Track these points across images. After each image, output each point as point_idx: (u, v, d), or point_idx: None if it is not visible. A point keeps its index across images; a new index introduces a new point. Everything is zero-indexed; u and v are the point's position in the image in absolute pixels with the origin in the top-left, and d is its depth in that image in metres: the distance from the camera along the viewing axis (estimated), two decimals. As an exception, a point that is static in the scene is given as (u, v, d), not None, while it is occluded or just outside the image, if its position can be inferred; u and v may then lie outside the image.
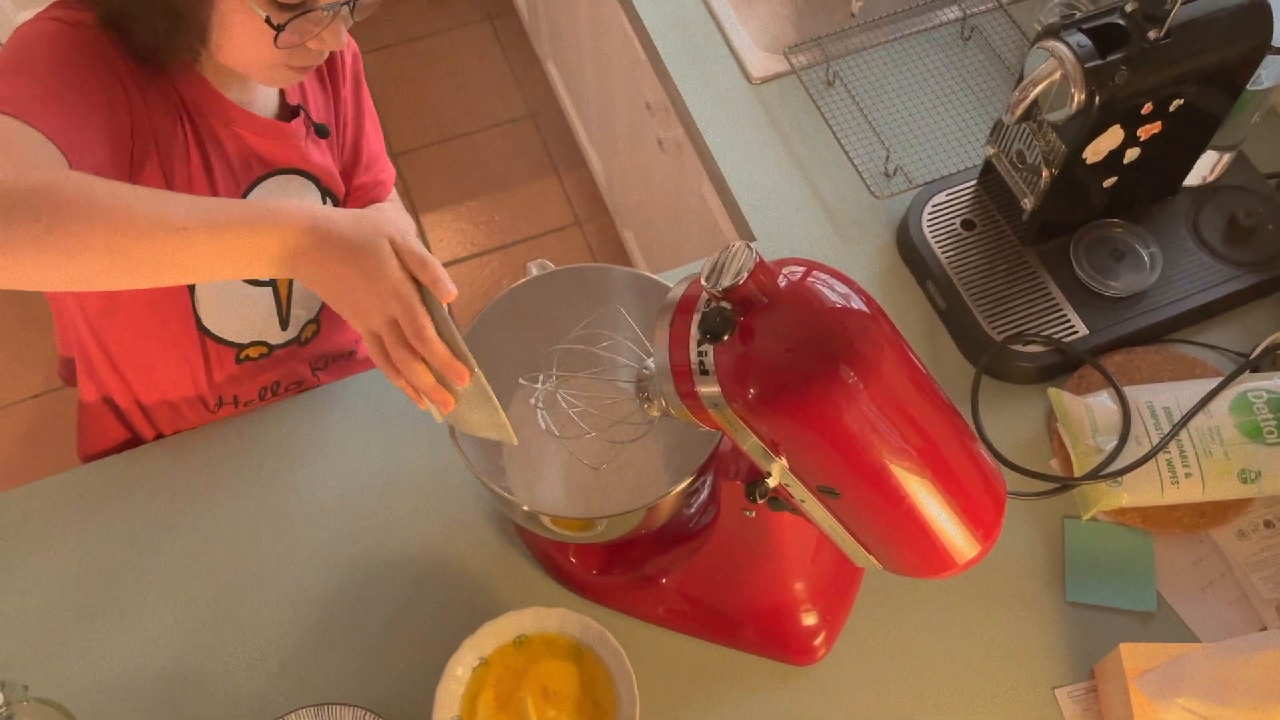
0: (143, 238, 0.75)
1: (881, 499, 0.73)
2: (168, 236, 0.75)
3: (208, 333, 1.15)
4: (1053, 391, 1.12)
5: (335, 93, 1.18)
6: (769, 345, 0.71)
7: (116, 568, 1.08)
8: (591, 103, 2.22)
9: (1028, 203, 1.16)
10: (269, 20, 0.89)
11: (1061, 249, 1.20)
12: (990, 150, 1.20)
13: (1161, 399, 1.08)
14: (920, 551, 0.77)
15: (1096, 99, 1.02)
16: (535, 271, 1.02)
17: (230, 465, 1.14)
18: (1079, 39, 1.02)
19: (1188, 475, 1.04)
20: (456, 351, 0.81)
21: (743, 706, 1.01)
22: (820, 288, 0.72)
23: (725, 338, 0.72)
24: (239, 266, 0.78)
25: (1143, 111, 1.07)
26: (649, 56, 1.52)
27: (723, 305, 0.72)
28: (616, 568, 1.04)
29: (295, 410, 1.18)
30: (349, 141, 1.23)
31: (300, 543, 1.09)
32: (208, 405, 1.22)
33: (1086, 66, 1.01)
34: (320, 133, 1.14)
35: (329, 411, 1.18)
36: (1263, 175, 1.26)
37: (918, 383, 0.73)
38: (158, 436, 1.24)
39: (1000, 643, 1.03)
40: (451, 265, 2.44)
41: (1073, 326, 1.16)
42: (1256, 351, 1.14)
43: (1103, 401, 1.10)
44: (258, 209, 0.79)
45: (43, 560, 1.08)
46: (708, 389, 0.73)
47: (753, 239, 1.30)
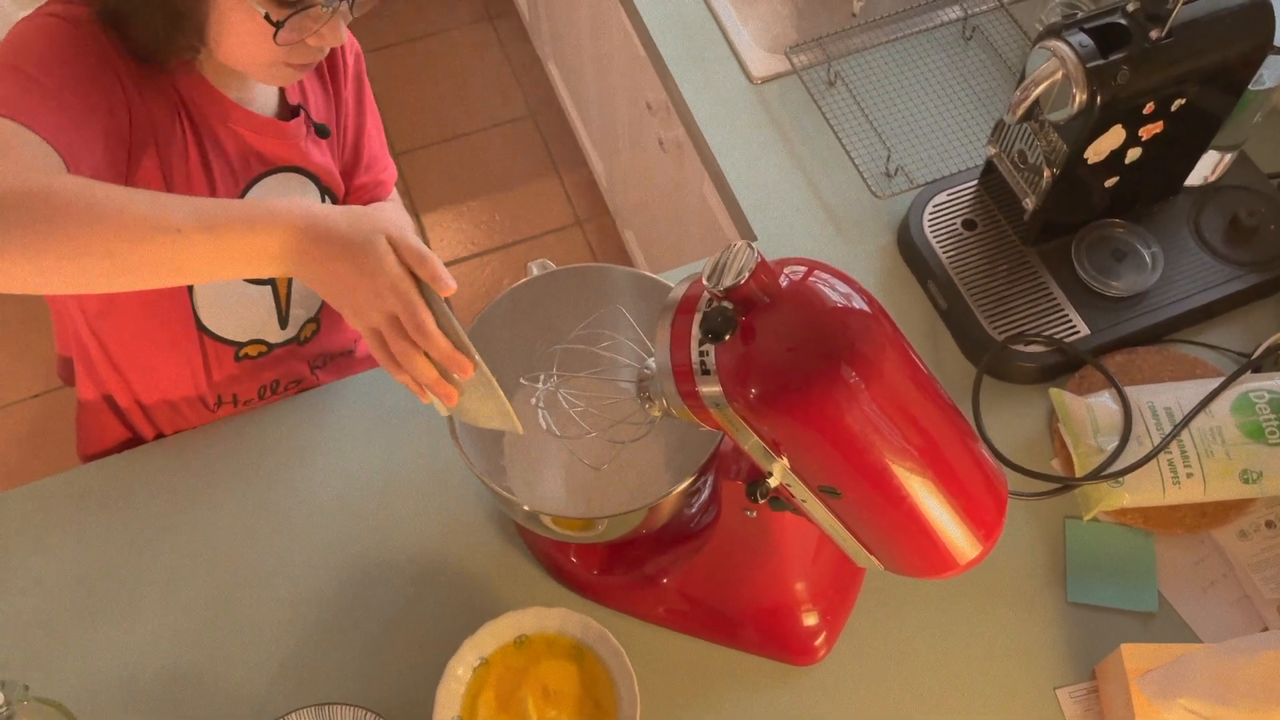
0: (140, 240, 0.75)
1: (883, 499, 0.73)
2: (165, 238, 0.75)
3: (207, 331, 1.15)
4: (1054, 391, 1.12)
5: (336, 93, 1.18)
6: (770, 345, 0.71)
7: (117, 567, 1.08)
8: (592, 102, 2.22)
9: (1029, 202, 1.16)
10: (268, 17, 0.89)
11: (1063, 249, 1.20)
12: (992, 150, 1.20)
13: (1163, 399, 1.08)
14: (921, 552, 0.77)
15: (1098, 99, 1.02)
16: (536, 271, 1.02)
17: (230, 465, 1.14)
18: (1081, 39, 1.02)
19: (1189, 475, 1.04)
20: (458, 344, 0.80)
21: (743, 707, 1.01)
22: (822, 287, 0.72)
23: (726, 337, 0.72)
24: (237, 267, 0.78)
25: (1144, 111, 1.07)
26: (650, 56, 1.52)
27: (724, 305, 0.72)
28: (617, 568, 1.04)
29: (295, 410, 1.18)
30: (349, 141, 1.23)
31: (300, 542, 1.09)
32: (207, 404, 1.23)
33: (1088, 66, 1.01)
34: (320, 132, 1.14)
35: (329, 411, 1.18)
36: (1265, 175, 1.26)
37: (919, 383, 0.73)
38: (158, 436, 1.24)
39: (1001, 643, 1.03)
40: (452, 265, 2.44)
41: (1074, 326, 1.16)
42: (1258, 352, 1.14)
43: (1104, 401, 1.10)
44: (254, 209, 0.79)
45: (43, 560, 1.08)
46: (709, 389, 0.73)
47: (754, 239, 1.30)
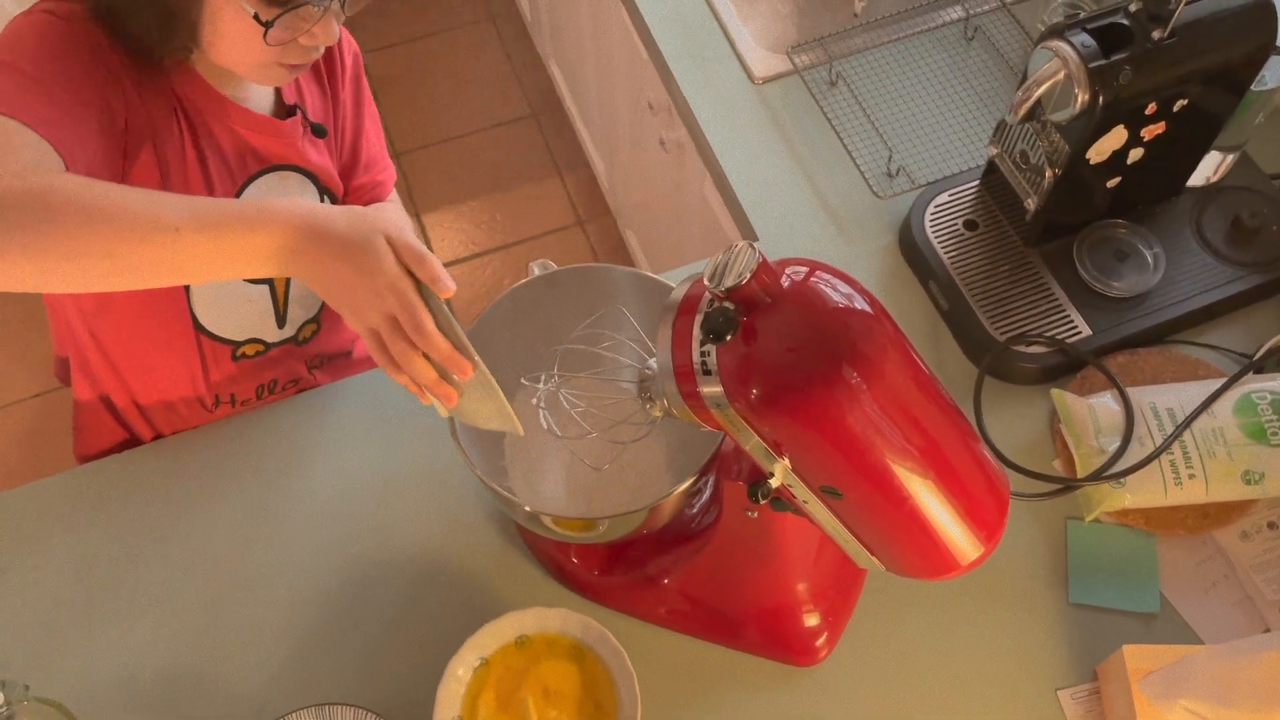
0: (138, 240, 0.74)
1: (884, 500, 0.73)
2: (163, 238, 0.75)
3: (204, 331, 1.14)
4: (1055, 392, 1.12)
5: (334, 93, 1.17)
6: (772, 345, 0.71)
7: (117, 568, 1.08)
8: (593, 102, 2.22)
9: (1031, 203, 1.16)
10: (257, 17, 0.89)
11: (1065, 249, 1.20)
12: (993, 150, 1.20)
13: (1165, 400, 1.08)
14: (923, 552, 0.76)
15: (1100, 99, 1.01)
16: (537, 271, 1.01)
17: (229, 465, 1.14)
18: (1083, 39, 1.02)
19: (1191, 476, 1.04)
20: (458, 345, 0.80)
21: (744, 707, 1.00)
22: (823, 288, 0.72)
23: (728, 338, 0.72)
24: (235, 266, 0.78)
25: (1146, 112, 1.06)
26: (651, 56, 1.52)
27: (725, 305, 0.72)
28: (618, 568, 1.04)
29: (294, 410, 1.18)
30: (347, 142, 1.22)
31: (301, 542, 1.09)
32: (205, 405, 1.22)
33: (1090, 66, 1.01)
34: (317, 132, 1.13)
35: (329, 411, 1.17)
36: (1267, 176, 1.26)
37: (921, 383, 0.73)
38: (155, 437, 1.24)
39: (1003, 644, 1.03)
40: (453, 265, 2.44)
41: (1076, 327, 1.16)
42: (1260, 352, 1.13)
43: (1106, 402, 1.10)
44: (252, 208, 0.78)
45: (42, 561, 1.08)
46: (710, 389, 0.73)
47: (755, 239, 1.29)
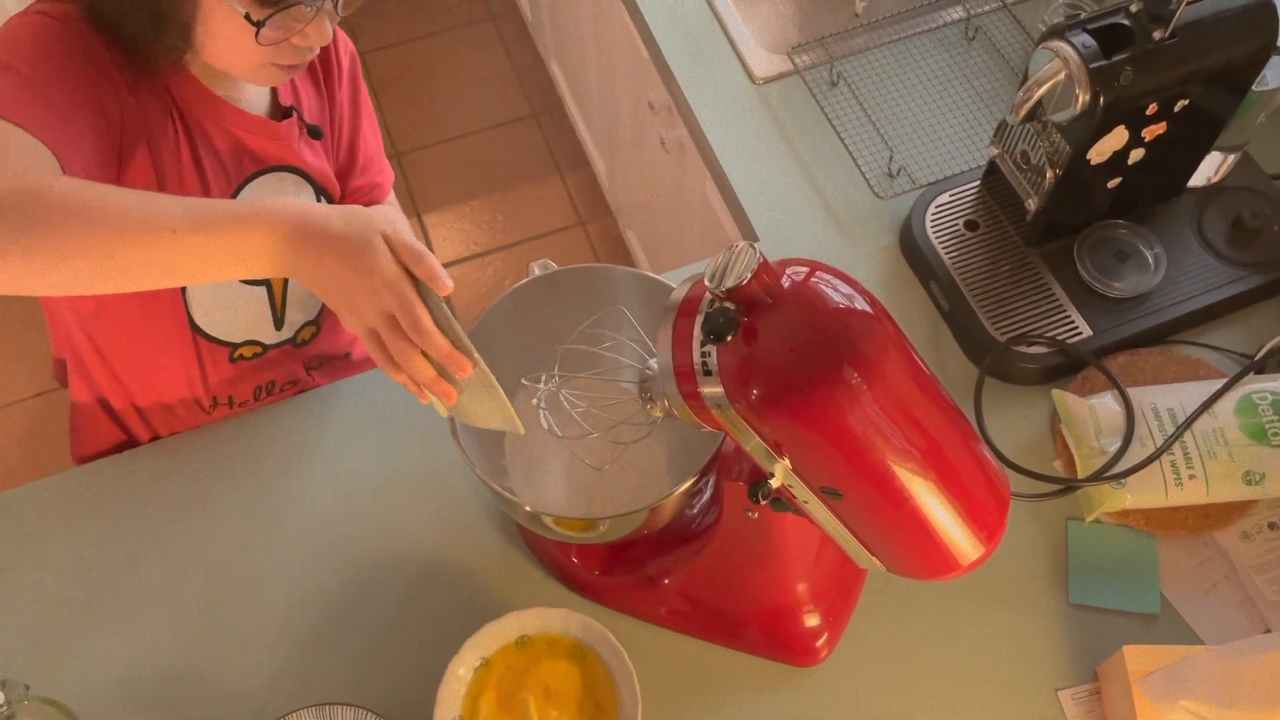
0: (135, 242, 0.74)
1: (885, 500, 0.73)
2: (158, 239, 0.75)
3: (201, 332, 1.14)
4: (1056, 393, 1.12)
5: (330, 94, 1.17)
6: (772, 346, 0.71)
7: (117, 568, 1.08)
8: (594, 102, 2.22)
9: (1032, 203, 1.16)
10: (248, 17, 0.88)
11: (1065, 250, 1.20)
12: (994, 151, 1.20)
13: (1165, 400, 1.08)
14: (923, 553, 0.76)
15: (1101, 99, 1.01)
16: (538, 272, 1.01)
17: (228, 466, 1.14)
18: (1084, 39, 1.02)
19: (1192, 477, 1.04)
20: (457, 343, 0.79)
21: (745, 708, 1.00)
22: (824, 288, 0.72)
23: (728, 338, 0.72)
24: (231, 266, 0.77)
25: (1147, 112, 1.06)
26: (652, 56, 1.52)
27: (726, 306, 0.72)
28: (619, 568, 1.04)
29: (294, 411, 1.18)
30: (344, 143, 1.22)
31: (301, 543, 1.09)
32: (203, 406, 1.22)
33: (1091, 67, 1.01)
34: (313, 134, 1.13)
35: (329, 412, 1.17)
36: (1268, 176, 1.26)
37: (921, 384, 0.73)
38: (153, 438, 1.24)
39: (1003, 644, 1.03)
40: (453, 265, 2.44)
41: (1076, 328, 1.16)
42: (1261, 353, 1.13)
43: (1106, 403, 1.10)
44: (248, 208, 0.78)
45: (43, 561, 1.08)
46: (711, 390, 0.73)
47: (756, 239, 1.29)
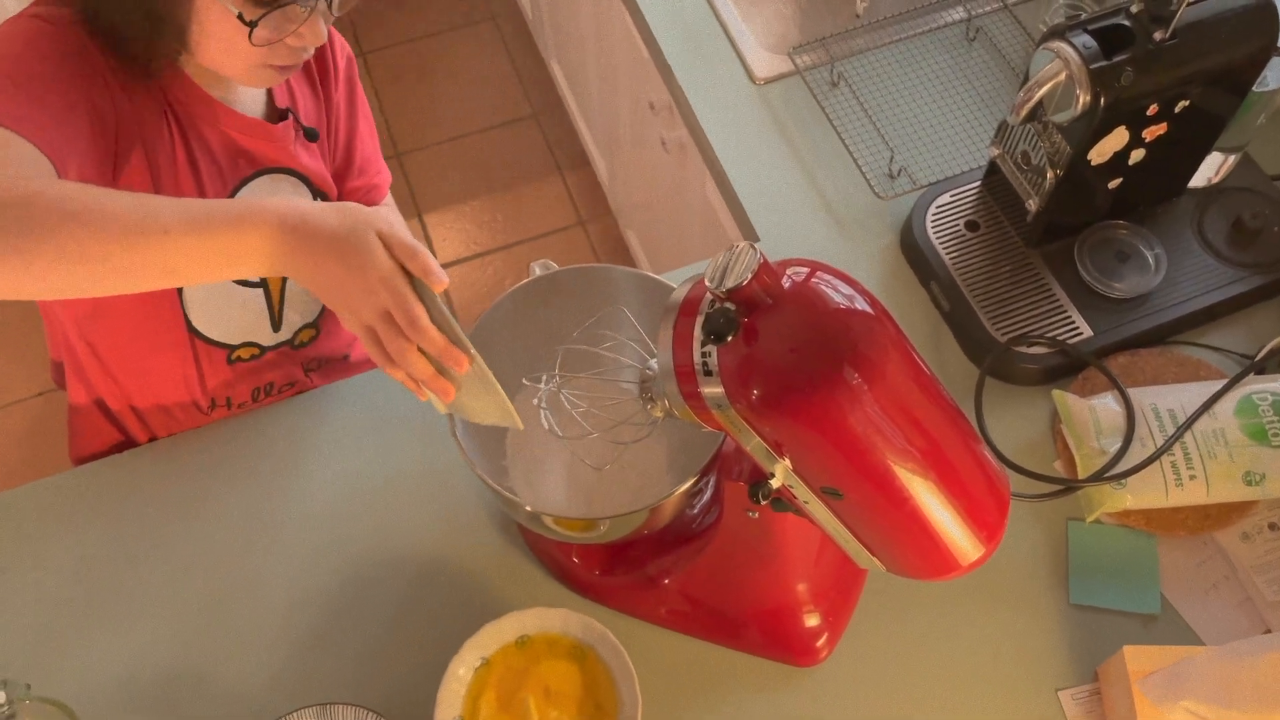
0: (130, 243, 0.74)
1: (885, 500, 0.73)
2: (152, 240, 0.75)
3: (198, 334, 1.14)
4: (1057, 393, 1.12)
5: (327, 96, 1.16)
6: (773, 346, 0.71)
7: (117, 568, 1.08)
8: (595, 102, 2.22)
9: (1032, 204, 1.16)
10: (241, 17, 0.88)
11: (1066, 250, 1.20)
12: (995, 151, 1.20)
13: (1166, 401, 1.08)
14: (923, 553, 0.76)
15: (1102, 100, 1.01)
16: (538, 272, 1.01)
17: (227, 467, 1.14)
18: (1084, 40, 1.02)
19: (1192, 478, 1.04)
20: (453, 338, 0.79)
21: (745, 708, 1.00)
22: (825, 289, 0.72)
23: (729, 339, 0.72)
24: (226, 267, 0.77)
25: (1148, 113, 1.06)
26: (653, 56, 1.52)
27: (726, 306, 0.72)
28: (619, 568, 1.04)
29: (293, 411, 1.18)
30: (341, 145, 1.22)
31: (301, 543, 1.09)
32: (201, 408, 1.22)
33: (1092, 68, 1.01)
34: (309, 136, 1.13)
35: (328, 412, 1.17)
36: (1268, 177, 1.26)
37: (922, 384, 0.73)
38: (151, 439, 1.23)
39: (1003, 645, 1.03)
40: (454, 265, 2.44)
41: (1077, 328, 1.16)
42: (1262, 354, 1.13)
43: (1107, 403, 1.10)
44: (242, 207, 0.78)
45: (44, 561, 1.08)
46: (711, 390, 0.73)
47: (756, 239, 1.29)
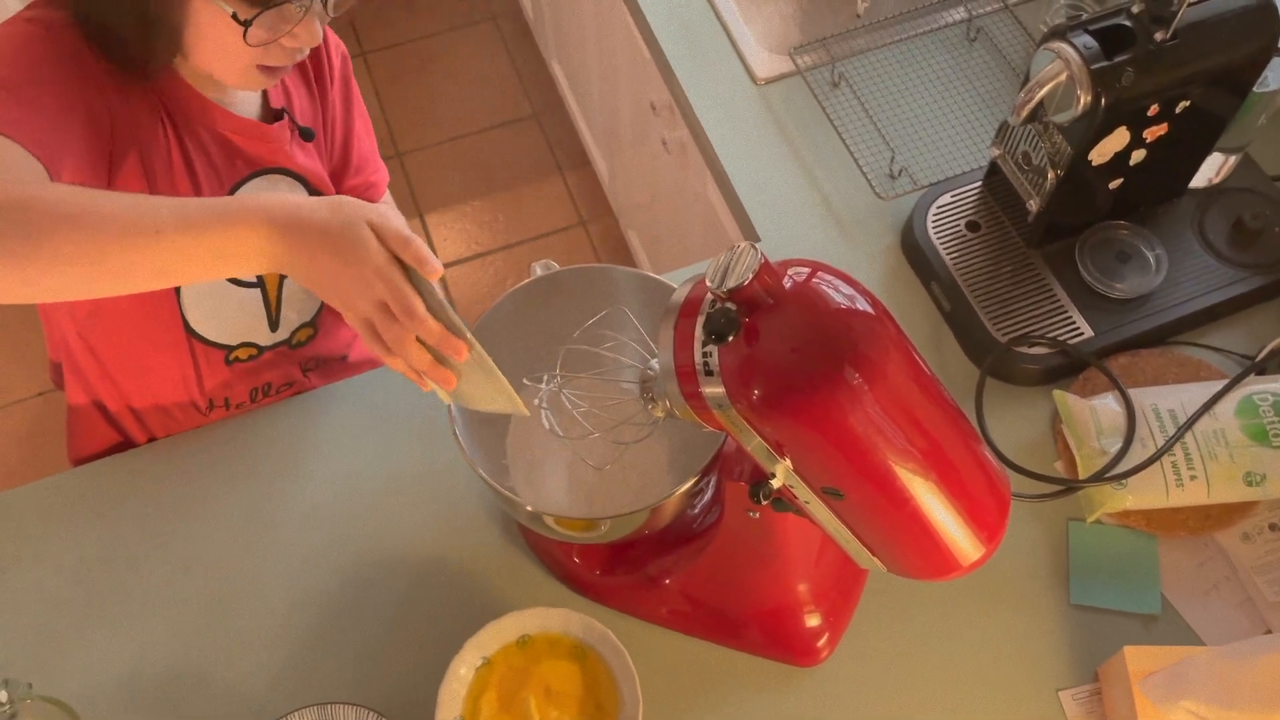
0: (125, 246, 0.74)
1: (886, 501, 0.73)
2: (146, 241, 0.74)
3: (195, 335, 1.14)
4: (1057, 394, 1.12)
5: (322, 95, 1.16)
6: (774, 346, 0.71)
7: (118, 568, 1.08)
8: (596, 103, 2.22)
9: (1033, 204, 1.16)
10: (235, 16, 0.88)
11: (1067, 251, 1.20)
12: (996, 152, 1.20)
13: (1166, 401, 1.08)
14: (924, 553, 0.76)
15: (1102, 101, 1.01)
16: (539, 272, 1.02)
17: (227, 468, 1.14)
18: (1085, 40, 1.02)
19: (1193, 478, 1.04)
20: (451, 327, 0.79)
21: (745, 708, 1.00)
22: (825, 289, 0.72)
23: (730, 339, 0.72)
24: (220, 266, 0.77)
25: (1149, 113, 1.06)
26: (654, 57, 1.52)
27: (727, 306, 0.72)
28: (620, 568, 1.04)
29: (291, 412, 1.18)
30: (338, 144, 1.21)
31: (302, 543, 1.09)
32: (199, 408, 1.22)
33: (1092, 68, 1.01)
34: (305, 136, 1.12)
35: (326, 413, 1.17)
36: (1269, 178, 1.26)
37: (922, 385, 0.73)
38: (149, 440, 1.23)
39: (1004, 645, 1.03)
40: (455, 265, 2.44)
41: (1078, 328, 1.16)
42: (1262, 354, 1.13)
43: (1108, 404, 1.10)
44: (231, 205, 0.78)
45: (44, 561, 1.08)
46: (712, 390, 0.73)
47: (757, 240, 1.30)
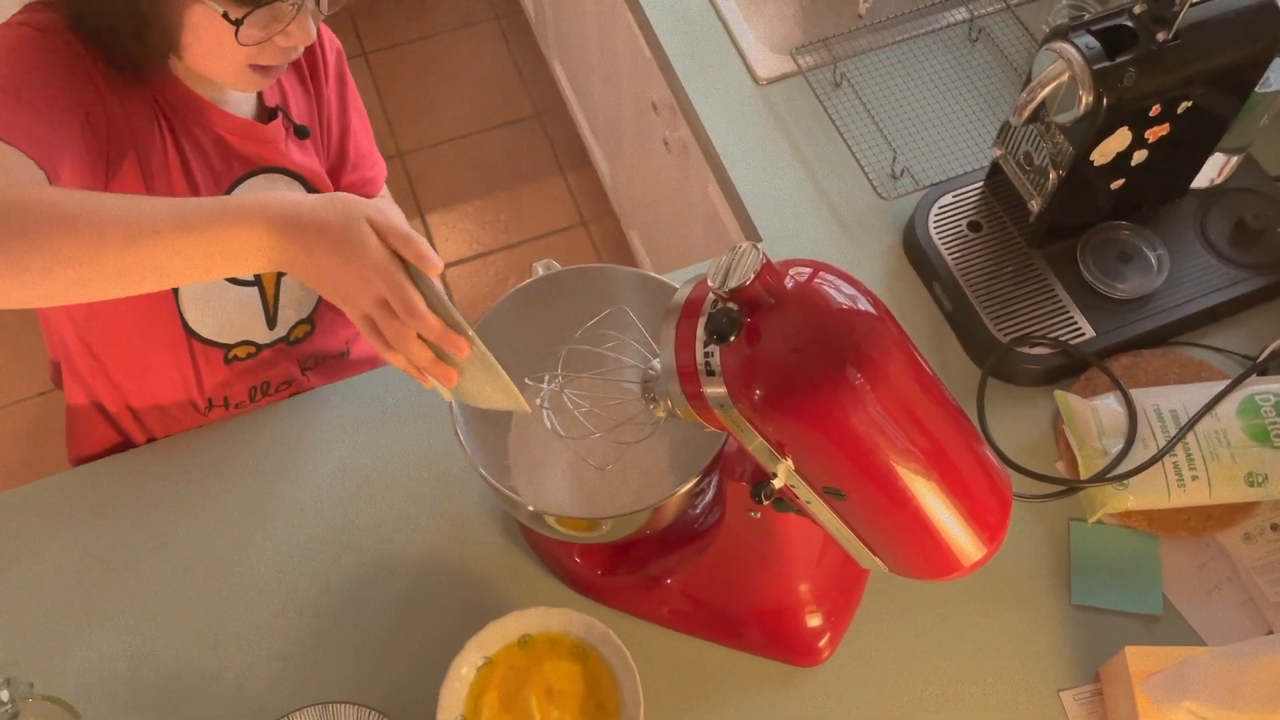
0: (124, 248, 0.74)
1: (887, 501, 0.73)
2: (144, 242, 0.74)
3: (194, 334, 1.14)
4: (1059, 394, 1.12)
5: (318, 92, 1.16)
6: (775, 346, 0.71)
7: (118, 568, 1.08)
8: (597, 103, 2.22)
9: (1035, 205, 1.16)
10: (226, 15, 0.88)
11: (1068, 251, 1.20)
12: (997, 152, 1.20)
13: (1168, 402, 1.08)
14: (926, 553, 0.77)
15: (1104, 101, 1.01)
16: (541, 272, 1.02)
17: (226, 467, 1.14)
18: (1087, 40, 1.02)
19: (1194, 478, 1.04)
20: (451, 323, 0.79)
21: (746, 708, 1.00)
22: (827, 289, 0.72)
23: (731, 339, 0.72)
24: (219, 265, 0.77)
25: (1151, 114, 1.06)
26: (655, 56, 1.52)
27: (729, 306, 0.72)
28: (621, 568, 1.04)
29: (291, 412, 1.18)
30: (334, 141, 1.21)
31: (302, 542, 1.09)
32: (198, 408, 1.22)
33: (1094, 68, 1.01)
34: (301, 134, 1.12)
35: (326, 413, 1.17)
36: (1271, 178, 1.26)
37: (924, 385, 0.73)
38: (149, 440, 1.23)
39: (1005, 645, 1.03)
40: (456, 265, 2.44)
41: (1079, 329, 1.16)
42: (1264, 354, 1.13)
43: (1109, 404, 1.10)
44: (232, 203, 0.77)
45: (45, 561, 1.08)
46: (714, 390, 0.73)
47: (759, 240, 1.30)
